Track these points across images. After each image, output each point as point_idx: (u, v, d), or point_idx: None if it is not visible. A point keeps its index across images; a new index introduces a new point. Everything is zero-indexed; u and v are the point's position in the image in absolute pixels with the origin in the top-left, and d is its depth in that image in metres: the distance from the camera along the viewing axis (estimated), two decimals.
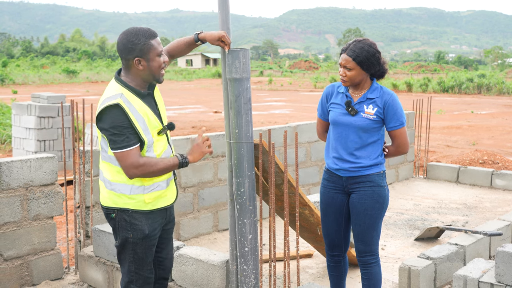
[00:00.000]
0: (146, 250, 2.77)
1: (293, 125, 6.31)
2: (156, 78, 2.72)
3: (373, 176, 3.23)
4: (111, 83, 2.73)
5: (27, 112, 9.24)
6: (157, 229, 2.79)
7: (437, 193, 7.24)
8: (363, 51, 3.16)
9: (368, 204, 3.23)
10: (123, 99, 2.60)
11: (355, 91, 3.28)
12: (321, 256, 4.70)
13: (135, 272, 2.79)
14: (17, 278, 4.00)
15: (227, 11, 3.00)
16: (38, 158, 4.02)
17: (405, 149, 3.31)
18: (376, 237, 3.30)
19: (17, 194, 3.93)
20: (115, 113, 2.57)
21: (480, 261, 3.56)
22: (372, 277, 3.32)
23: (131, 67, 2.68)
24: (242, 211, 3.00)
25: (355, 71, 3.17)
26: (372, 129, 3.21)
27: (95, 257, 4.10)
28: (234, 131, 2.95)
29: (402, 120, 3.24)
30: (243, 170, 2.96)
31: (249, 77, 2.94)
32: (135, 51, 2.63)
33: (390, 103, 3.20)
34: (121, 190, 2.69)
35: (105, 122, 2.59)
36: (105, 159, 2.74)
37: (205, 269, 3.42)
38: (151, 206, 2.74)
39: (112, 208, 2.73)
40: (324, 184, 3.39)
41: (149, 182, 2.71)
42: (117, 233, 2.77)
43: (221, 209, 5.54)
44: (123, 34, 2.68)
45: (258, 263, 3.07)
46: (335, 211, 3.35)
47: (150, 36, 2.66)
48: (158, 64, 2.69)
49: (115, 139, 2.58)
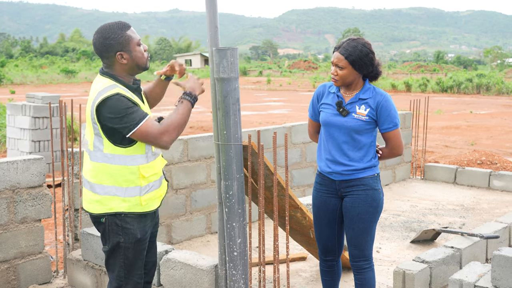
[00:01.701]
0: (137, 254, 2.69)
1: (288, 126, 6.24)
2: (142, 66, 2.67)
3: (367, 179, 3.14)
4: (98, 79, 2.65)
5: (21, 112, 9.15)
6: (147, 233, 2.73)
7: (434, 194, 7.16)
8: (356, 50, 3.06)
9: (361, 208, 3.14)
10: (120, 87, 2.56)
11: (346, 92, 3.19)
12: (315, 259, 4.62)
13: (124, 277, 2.70)
14: (3, 282, 3.91)
15: (215, 9, 2.92)
16: (25, 159, 3.94)
17: (399, 151, 3.22)
18: (370, 242, 3.21)
19: (3, 197, 3.84)
20: (117, 99, 2.50)
21: (477, 264, 3.48)
22: (365, 283, 3.24)
23: (114, 64, 2.62)
24: (231, 215, 2.92)
25: (347, 70, 3.08)
26: (364, 130, 3.12)
27: (83, 260, 4.02)
28: (222, 132, 2.87)
29: (396, 122, 3.14)
30: (231, 172, 2.88)
31: (237, 77, 2.86)
32: (114, 46, 2.57)
33: (383, 104, 3.11)
34: (116, 193, 2.60)
35: (107, 112, 2.50)
36: (99, 160, 2.61)
37: (194, 274, 3.34)
38: (146, 208, 2.67)
39: (103, 214, 2.63)
40: (317, 188, 3.30)
41: (145, 182, 2.64)
42: (107, 238, 2.67)
43: (214, 211, 5.46)
44: (97, 33, 2.61)
45: (247, 267, 2.99)
46: (328, 215, 3.27)
47: (124, 28, 2.60)
48: (140, 53, 2.64)
49: (125, 121, 2.49)
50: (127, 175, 2.61)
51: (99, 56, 2.63)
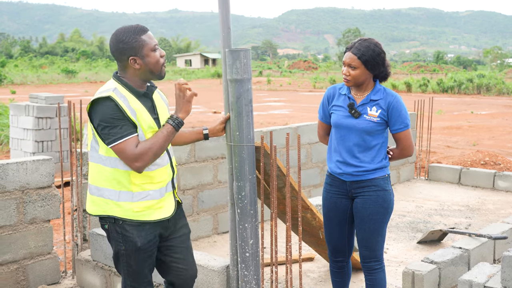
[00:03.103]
0: (140, 263, 2.61)
1: (294, 126, 6.24)
2: (156, 74, 2.59)
3: (377, 180, 3.15)
4: (107, 82, 2.64)
5: (25, 112, 9.15)
6: (152, 241, 2.61)
7: (439, 195, 7.17)
8: (369, 50, 3.07)
9: (372, 209, 3.14)
10: (116, 92, 2.48)
11: (357, 93, 3.19)
12: (323, 260, 4.62)
13: (130, 285, 2.66)
14: (13, 282, 3.92)
15: (227, 10, 2.92)
16: (35, 160, 3.94)
17: (410, 151, 3.22)
18: (381, 242, 3.22)
19: (13, 197, 3.85)
20: (107, 105, 2.44)
21: (485, 265, 3.48)
22: (376, 283, 3.24)
23: (127, 68, 2.57)
24: (243, 216, 2.92)
25: (359, 70, 3.08)
26: (375, 132, 3.13)
27: (92, 261, 4.02)
28: (235, 133, 2.87)
29: (406, 122, 3.15)
30: (244, 173, 2.89)
31: (250, 78, 2.86)
32: (127, 50, 2.52)
33: (394, 105, 3.12)
34: (109, 196, 2.54)
35: (96, 115, 2.46)
36: (95, 160, 2.58)
37: (205, 275, 3.34)
38: (141, 217, 2.56)
39: (101, 216, 2.60)
40: (327, 189, 3.30)
41: (137, 189, 2.54)
42: (111, 245, 2.67)
43: (220, 211, 5.47)
44: (113, 35, 2.57)
45: (259, 268, 2.99)
46: (338, 216, 3.27)
47: (139, 32, 2.53)
48: (154, 59, 2.56)
49: (108, 131, 2.44)
50: (119, 179, 2.53)
51: (115, 59, 2.59)
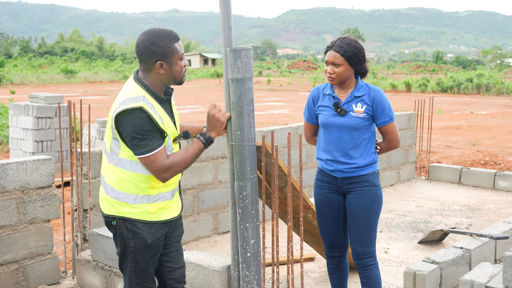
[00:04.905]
0: (147, 260, 2.65)
1: (294, 126, 6.23)
2: (177, 81, 2.63)
3: (368, 176, 3.23)
4: (129, 82, 2.60)
5: (24, 112, 9.14)
6: (160, 239, 2.67)
7: (440, 195, 7.16)
8: (350, 46, 3.16)
9: (365, 204, 3.21)
10: (146, 102, 2.48)
11: (341, 91, 3.26)
12: (323, 260, 4.61)
13: (135, 282, 2.68)
14: (13, 283, 3.90)
15: (228, 9, 2.91)
16: (35, 160, 3.93)
17: (396, 143, 3.32)
18: (374, 238, 3.28)
19: (13, 197, 3.83)
20: (138, 116, 2.44)
21: (487, 265, 3.47)
22: (372, 280, 3.27)
23: (151, 70, 2.55)
24: (244, 216, 2.91)
25: (343, 67, 3.15)
26: (363, 127, 3.21)
27: (92, 261, 4.01)
28: (236, 133, 2.86)
29: (391, 115, 3.24)
30: (245, 173, 2.87)
31: (252, 77, 2.85)
32: (157, 54, 2.51)
33: (378, 99, 3.20)
34: (125, 199, 2.58)
35: (127, 126, 2.45)
36: (114, 163, 2.59)
37: (206, 275, 3.33)
38: (154, 217, 2.62)
39: (114, 216, 2.62)
40: (318, 185, 3.35)
41: (155, 192, 2.61)
42: (118, 241, 2.66)
43: (221, 211, 5.45)
44: (145, 35, 2.53)
45: (260, 268, 2.98)
46: (332, 210, 3.32)
47: (173, 39, 2.54)
48: (180, 68, 2.58)
49: (138, 143, 2.46)
50: (138, 183, 2.57)
51: (139, 58, 2.56)
